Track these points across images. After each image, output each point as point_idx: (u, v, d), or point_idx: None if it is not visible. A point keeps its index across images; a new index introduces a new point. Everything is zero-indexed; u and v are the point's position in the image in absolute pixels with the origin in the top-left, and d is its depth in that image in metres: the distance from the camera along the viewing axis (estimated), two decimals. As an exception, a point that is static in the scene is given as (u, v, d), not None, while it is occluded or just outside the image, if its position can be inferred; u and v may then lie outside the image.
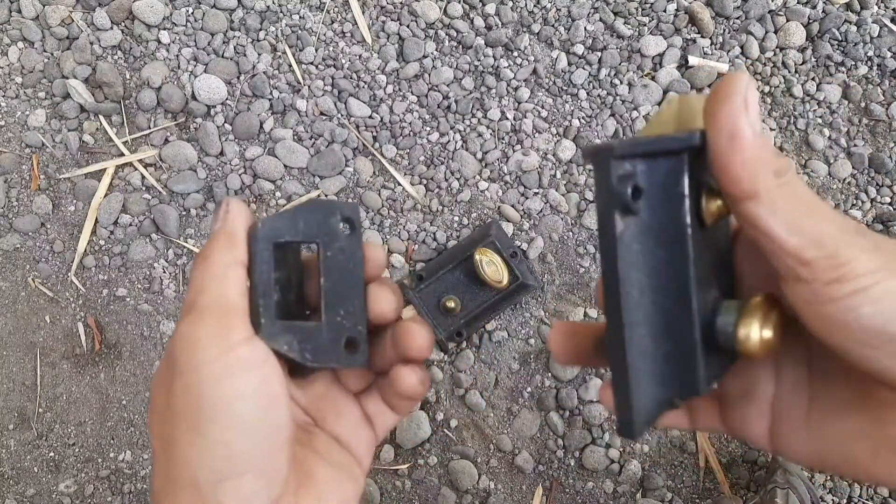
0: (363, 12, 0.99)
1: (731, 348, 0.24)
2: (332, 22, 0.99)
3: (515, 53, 0.98)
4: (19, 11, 0.98)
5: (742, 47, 1.00)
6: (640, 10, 1.01)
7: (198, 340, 0.24)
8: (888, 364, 0.21)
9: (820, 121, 0.99)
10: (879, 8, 1.02)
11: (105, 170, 0.95)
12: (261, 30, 0.98)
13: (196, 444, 0.24)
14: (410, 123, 0.96)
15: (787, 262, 0.21)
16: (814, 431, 0.25)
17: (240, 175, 0.94)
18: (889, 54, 1.01)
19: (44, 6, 0.97)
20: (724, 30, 1.01)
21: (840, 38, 1.01)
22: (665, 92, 0.98)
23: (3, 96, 0.96)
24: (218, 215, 0.29)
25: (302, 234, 0.29)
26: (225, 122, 0.96)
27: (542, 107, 0.97)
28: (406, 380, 0.30)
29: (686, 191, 0.23)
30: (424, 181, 0.95)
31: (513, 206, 0.94)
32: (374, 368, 0.32)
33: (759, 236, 0.22)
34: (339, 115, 0.96)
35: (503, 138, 0.96)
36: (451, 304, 0.86)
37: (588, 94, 0.98)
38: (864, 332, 0.21)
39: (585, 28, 0.99)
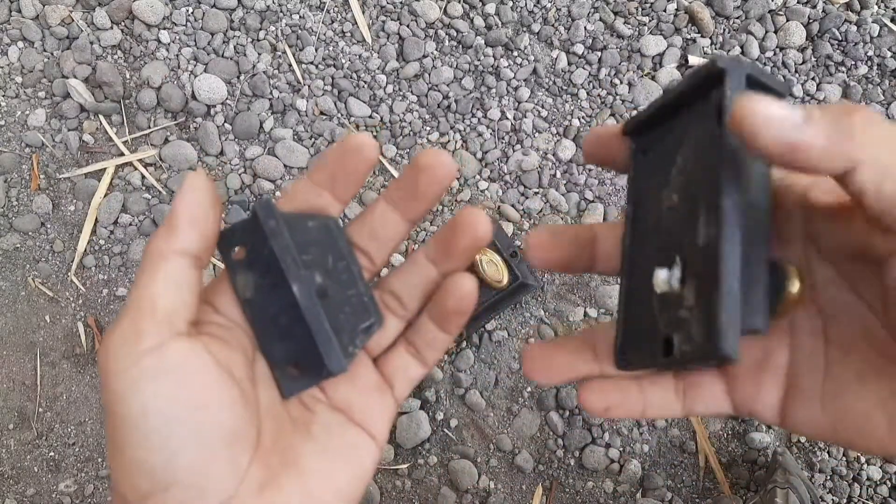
0: (363, 12, 0.99)
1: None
2: (332, 22, 0.99)
3: (515, 53, 0.98)
4: (19, 11, 0.98)
5: (742, 47, 1.00)
6: (640, 9, 1.01)
7: (109, 349, 0.23)
8: None
9: (820, 121, 0.99)
10: (879, 8, 1.02)
11: (105, 169, 0.95)
12: (261, 29, 0.98)
13: (117, 461, 0.23)
14: (410, 123, 0.96)
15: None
16: (828, 403, 0.24)
17: (240, 175, 0.94)
18: (889, 54, 1.01)
19: (44, 6, 0.97)
20: (724, 29, 1.01)
21: (840, 38, 1.01)
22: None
23: (3, 96, 0.96)
24: None
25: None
26: (225, 121, 0.96)
27: (542, 106, 0.97)
28: (462, 285, 0.28)
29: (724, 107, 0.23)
30: (424, 181, 0.95)
31: (513, 205, 0.94)
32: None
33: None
34: (339, 115, 0.96)
35: (503, 138, 0.96)
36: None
37: (588, 93, 0.98)
38: None
39: (585, 28, 0.99)
